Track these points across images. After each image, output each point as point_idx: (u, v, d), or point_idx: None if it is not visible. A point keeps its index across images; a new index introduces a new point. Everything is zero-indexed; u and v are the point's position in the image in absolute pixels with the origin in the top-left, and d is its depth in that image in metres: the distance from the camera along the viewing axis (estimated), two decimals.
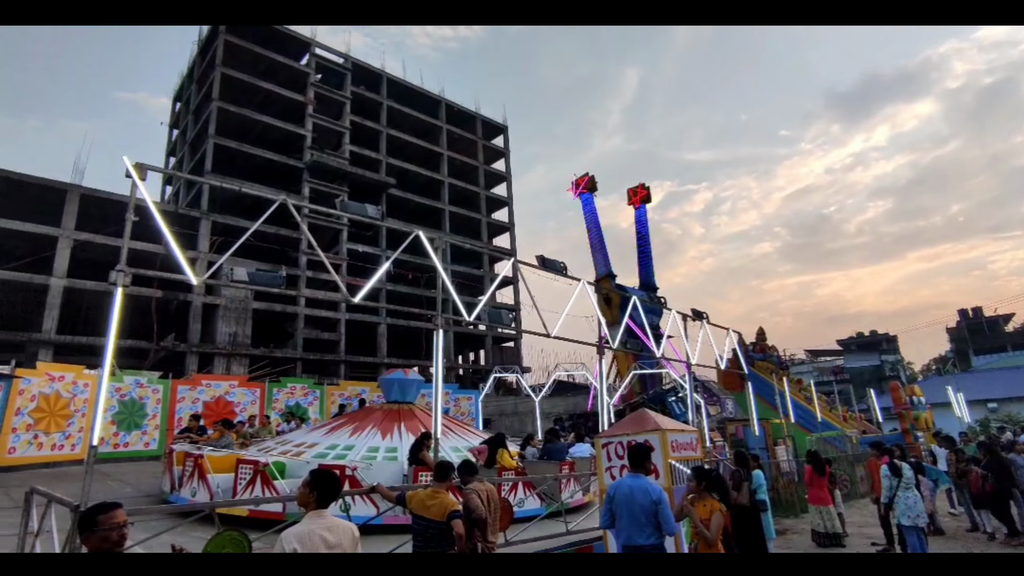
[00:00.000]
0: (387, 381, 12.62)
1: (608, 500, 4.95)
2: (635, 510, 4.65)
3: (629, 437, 6.56)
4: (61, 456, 14.11)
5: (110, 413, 15.18)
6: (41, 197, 27.20)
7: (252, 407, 17.75)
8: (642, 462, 5.04)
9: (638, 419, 6.99)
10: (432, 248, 7.75)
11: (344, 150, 41.61)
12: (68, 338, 26.30)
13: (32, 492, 5.61)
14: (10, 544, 6.06)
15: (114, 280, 5.29)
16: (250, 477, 8.97)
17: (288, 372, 30.75)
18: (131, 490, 11.13)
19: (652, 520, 4.62)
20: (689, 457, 6.82)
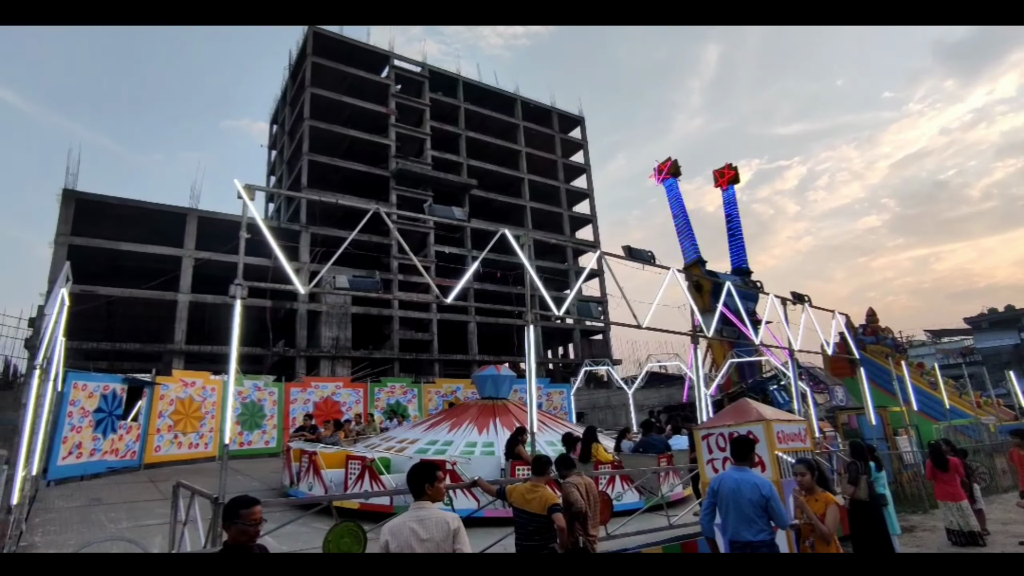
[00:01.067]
0: (480, 378, 12.92)
1: (711, 494, 4.79)
2: (742, 504, 4.47)
3: (731, 428, 6.33)
4: (197, 454, 15.68)
5: (234, 414, 16.67)
6: (166, 222, 30.27)
7: (357, 406, 18.82)
8: (747, 454, 4.85)
9: (739, 409, 6.71)
10: (518, 245, 7.84)
11: (426, 156, 42.96)
12: (195, 347, 29.13)
13: (178, 486, 6.29)
14: (163, 531, 6.85)
15: (233, 293, 5.81)
16: (359, 472, 9.52)
17: (387, 372, 32.28)
18: (257, 484, 12.15)
19: (762, 515, 4.42)
20: (797, 448, 6.47)
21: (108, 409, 13.30)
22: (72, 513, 9.74)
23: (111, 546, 6.42)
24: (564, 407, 22.57)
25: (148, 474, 13.69)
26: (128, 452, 13.92)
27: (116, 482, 12.44)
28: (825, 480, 5.57)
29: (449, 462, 9.12)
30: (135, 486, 12.08)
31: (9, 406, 15.52)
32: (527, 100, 51.23)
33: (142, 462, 14.25)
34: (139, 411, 14.35)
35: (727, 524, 4.58)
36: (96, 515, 9.55)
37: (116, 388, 13.66)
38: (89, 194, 28.02)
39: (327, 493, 9.46)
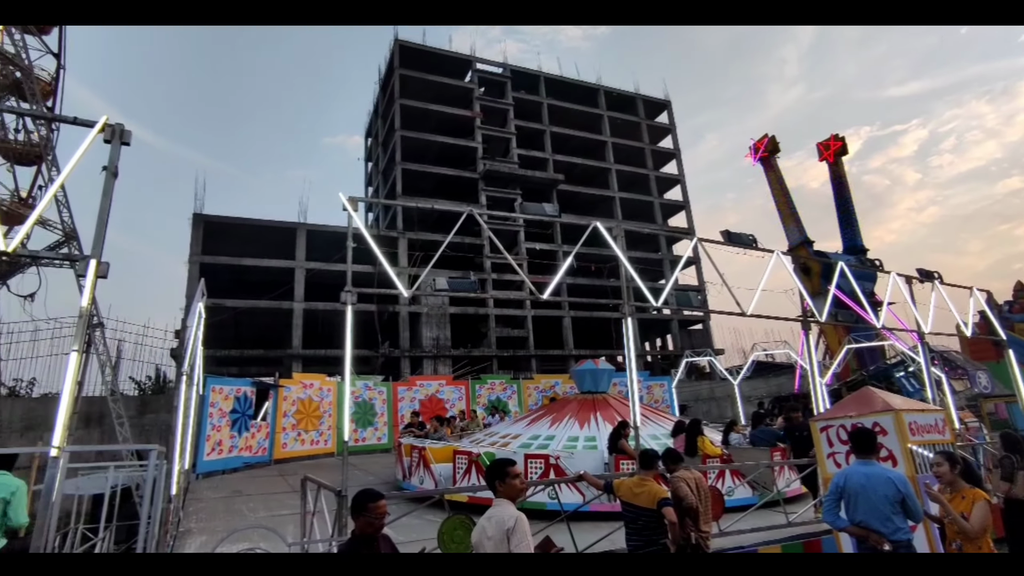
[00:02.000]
0: (579, 372, 12.90)
1: (836, 490, 4.49)
2: (875, 501, 4.15)
3: (853, 419, 5.88)
4: (318, 450, 16.93)
5: (349, 413, 17.80)
6: (279, 236, 32.88)
7: (459, 403, 19.46)
8: (871, 446, 4.50)
9: (862, 399, 6.22)
10: (611, 237, 7.75)
11: (512, 155, 43.44)
12: (311, 351, 31.43)
13: (305, 480, 6.84)
14: (295, 520, 7.49)
15: (344, 300, 6.22)
16: (466, 466, 9.84)
17: (485, 369, 33.05)
18: (372, 478, 12.91)
19: (898, 512, 4.08)
20: (934, 441, 5.89)
21: (241, 410, 14.70)
22: (218, 503, 10.87)
23: (252, 533, 7.12)
24: (665, 400, 21.99)
25: (277, 468, 14.97)
26: (260, 449, 15.30)
27: (251, 476, 13.74)
28: (973, 476, 5.01)
29: (552, 456, 9.20)
30: (267, 479, 13.26)
31: (162, 408, 17.59)
32: (609, 89, 50.30)
33: (272, 458, 15.60)
34: (267, 411, 15.72)
35: (855, 522, 4.28)
36: (238, 505, 10.61)
37: (247, 391, 15.06)
38: (213, 216, 31.06)
39: (437, 487, 9.88)
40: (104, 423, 14.59)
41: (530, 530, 3.35)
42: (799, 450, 8.63)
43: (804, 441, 8.60)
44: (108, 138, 5.18)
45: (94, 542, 7.50)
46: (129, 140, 5.26)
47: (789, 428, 9.20)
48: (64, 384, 4.27)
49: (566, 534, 6.25)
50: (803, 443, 8.55)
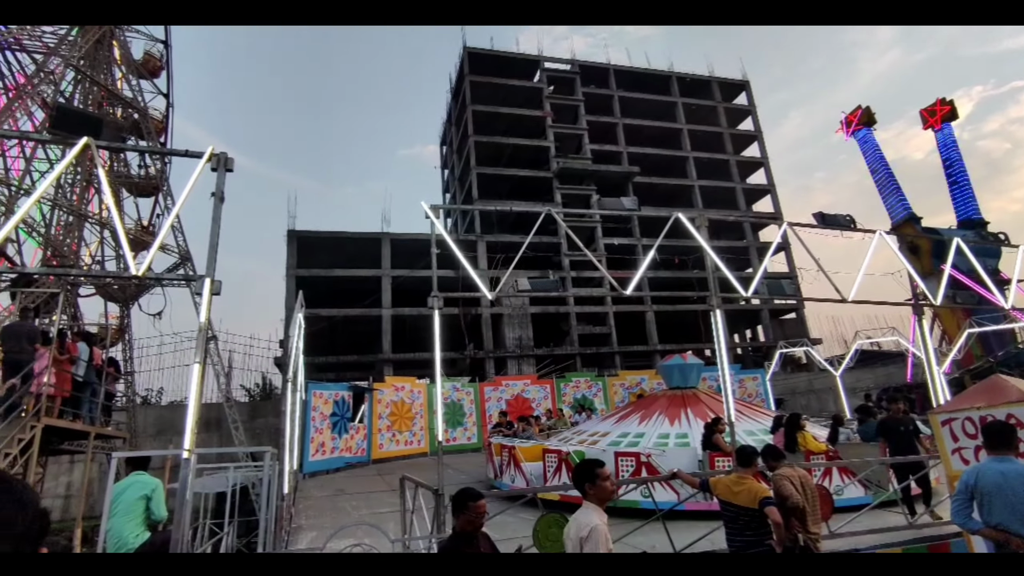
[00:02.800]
0: (667, 368, 12.59)
1: (966, 489, 4.10)
2: (1014, 501, 3.75)
3: (982, 411, 5.34)
4: (412, 450, 17.58)
5: (442, 414, 18.36)
6: (365, 247, 34.45)
7: (545, 402, 19.53)
8: (1008, 441, 4.06)
9: (992, 388, 5.63)
10: (694, 227, 7.50)
11: (585, 151, 43.05)
12: (400, 355, 32.70)
13: (403, 479, 7.13)
14: (395, 517, 7.83)
15: (431, 305, 6.42)
16: (556, 465, 9.87)
17: (569, 368, 32.95)
18: (465, 477, 13.23)
19: None
20: None
21: (340, 413, 15.55)
22: (324, 501, 11.56)
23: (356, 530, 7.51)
24: (760, 394, 20.97)
25: (376, 468, 15.70)
26: (359, 449, 16.11)
27: (352, 475, 14.50)
28: None
29: (643, 454, 9.04)
30: (367, 479, 13.94)
31: (269, 413, 18.97)
32: (682, 75, 48.65)
33: (370, 458, 16.38)
34: (363, 414, 16.53)
35: (991, 524, 3.89)
36: (342, 503, 11.23)
37: (344, 395, 15.91)
38: (305, 231, 33.07)
39: (528, 485, 9.97)
40: (221, 427, 15.95)
41: (608, 539, 3.23)
42: (900, 447, 7.93)
43: (906, 437, 7.92)
44: (214, 166, 5.66)
45: (220, 536, 8.22)
46: (232, 167, 5.72)
47: (886, 422, 8.44)
48: (190, 393, 4.71)
49: (662, 533, 6.12)
50: (905, 439, 7.88)
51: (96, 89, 14.39)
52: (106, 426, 11.21)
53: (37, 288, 10.96)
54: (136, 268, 5.03)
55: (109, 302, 14.77)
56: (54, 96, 13.65)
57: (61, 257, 13.36)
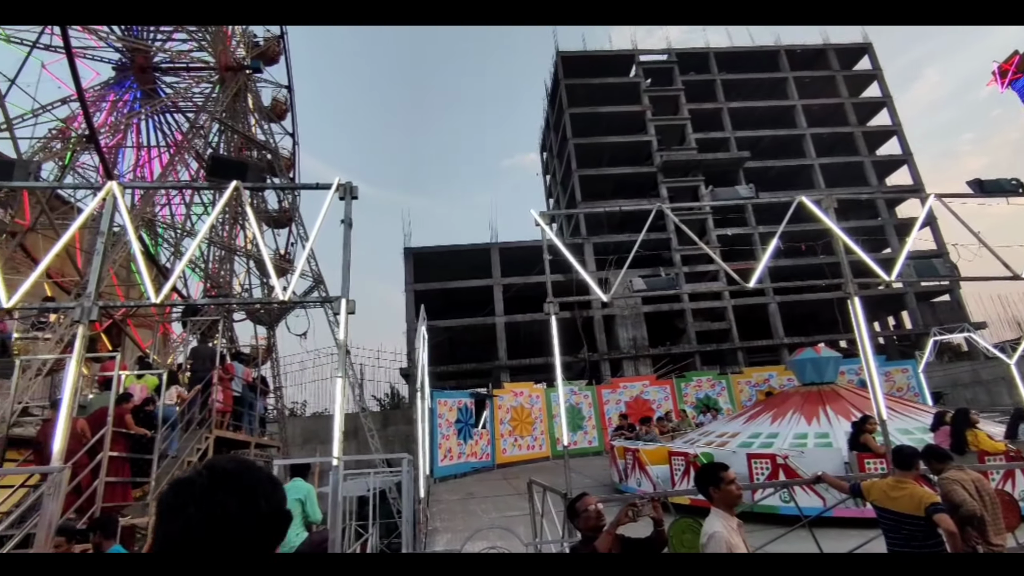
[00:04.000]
0: (799, 362, 11.73)
1: None
2: None
3: None
4: (533, 454, 17.82)
5: (558, 419, 18.47)
6: (475, 258, 35.56)
7: (666, 403, 18.95)
8: None
9: None
10: (821, 209, 6.96)
11: (689, 141, 41.39)
12: (515, 361, 33.31)
13: (531, 483, 7.26)
14: (523, 520, 7.98)
15: (548, 311, 6.51)
16: (684, 468, 9.55)
17: (688, 367, 31.72)
18: (589, 480, 13.18)
19: None
20: None
21: (464, 420, 16.14)
22: (455, 504, 12.06)
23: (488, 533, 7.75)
24: (912, 387, 18.84)
25: (501, 472, 16.10)
26: (483, 454, 16.62)
27: (479, 480, 14.98)
28: None
29: (780, 456, 8.49)
30: (493, 483, 14.34)
31: (399, 421, 20.14)
32: (791, 47, 45.21)
33: (495, 462, 16.83)
34: (485, 420, 17.03)
35: None
36: (472, 506, 11.64)
37: (467, 402, 16.51)
38: (419, 248, 34.84)
39: (655, 489, 9.73)
40: (358, 435, 17.20)
41: (730, 547, 3.08)
42: None
43: None
44: (342, 195, 6.18)
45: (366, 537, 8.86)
46: (357, 194, 6.20)
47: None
48: (335, 404, 5.17)
49: (807, 541, 5.70)
50: None
51: (236, 137, 16.35)
52: (263, 436, 12.52)
53: (202, 316, 12.65)
54: (283, 294, 5.63)
55: (257, 325, 16.63)
56: (204, 148, 15.66)
57: (218, 288, 15.28)
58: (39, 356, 8.70)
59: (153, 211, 14.11)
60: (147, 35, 15.14)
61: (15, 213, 10.72)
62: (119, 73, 14.80)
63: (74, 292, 10.56)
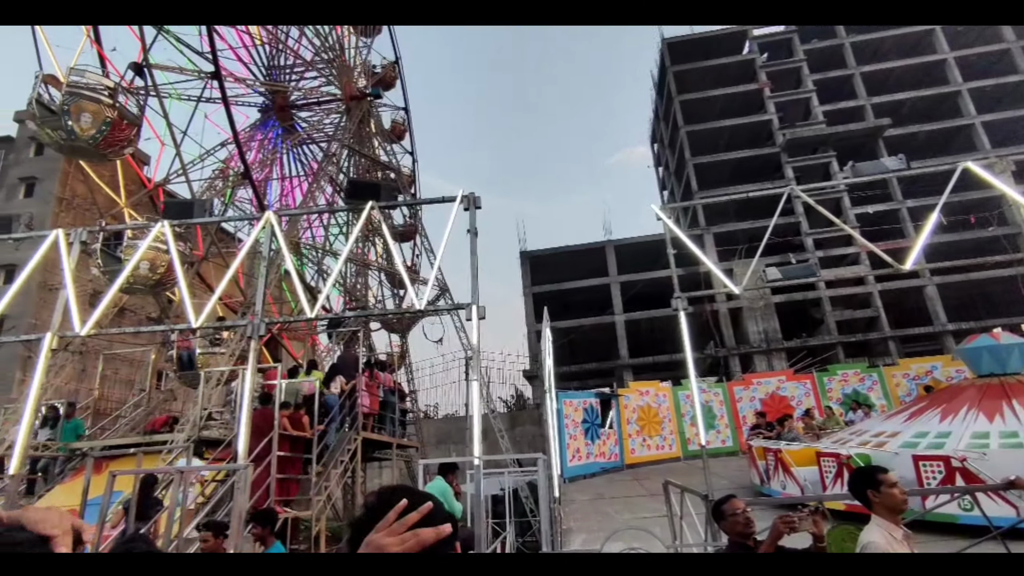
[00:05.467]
0: (972, 351, 10.32)
1: None
2: None
3: None
4: (663, 455, 17.31)
5: (687, 418, 17.78)
6: (590, 257, 35.35)
7: (807, 399, 17.53)
8: None
9: None
10: (994, 173, 6.09)
11: (815, 114, 38.04)
12: (638, 360, 32.60)
13: (667, 484, 7.06)
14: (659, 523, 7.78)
15: (676, 307, 6.32)
16: (835, 470, 8.79)
17: (829, 359, 29.12)
18: (726, 482, 12.55)
19: None
20: None
21: (590, 420, 16.09)
22: (586, 505, 12.04)
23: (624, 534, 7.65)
24: None
25: (630, 473, 15.82)
26: (612, 454, 16.44)
27: (609, 480, 14.83)
28: None
29: (955, 458, 7.54)
30: (623, 483, 14.12)
31: (526, 422, 20.53)
32: None
33: (624, 463, 16.58)
34: (611, 419, 16.84)
35: None
36: (603, 507, 11.56)
37: (592, 402, 16.45)
38: (535, 251, 35.35)
39: (803, 493, 9.04)
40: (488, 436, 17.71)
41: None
42: None
43: None
44: (466, 206, 6.47)
45: (503, 535, 9.14)
46: (480, 204, 6.46)
47: None
48: (472, 406, 5.41)
49: None
50: None
51: (363, 160, 17.73)
52: (403, 438, 13.37)
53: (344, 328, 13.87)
54: (419, 303, 6.01)
55: (391, 333, 17.84)
56: (336, 173, 17.15)
57: (355, 300, 16.65)
58: (217, 368, 9.99)
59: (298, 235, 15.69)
60: (284, 77, 16.92)
61: (192, 246, 12.47)
62: (263, 114, 16.69)
63: (240, 311, 12.05)
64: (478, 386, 5.49)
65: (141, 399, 12.43)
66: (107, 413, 12.67)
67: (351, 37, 19.10)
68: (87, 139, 9.20)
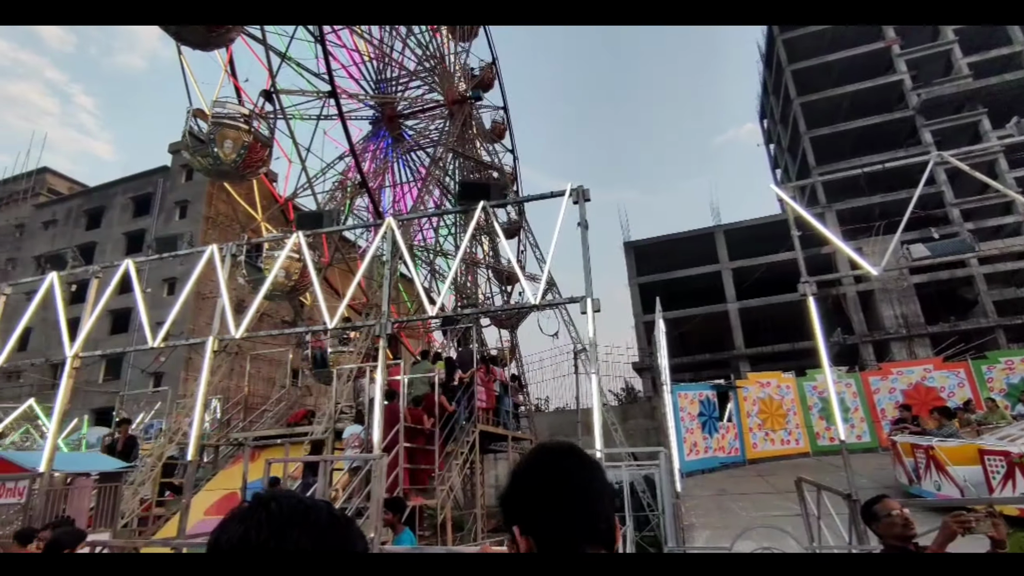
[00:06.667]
0: None
1: None
2: None
3: None
4: (789, 450, 16.24)
5: (815, 410, 16.54)
6: (698, 244, 33.88)
7: (960, 390, 15.63)
8: None
9: None
10: None
11: (958, 68, 33.68)
12: (755, 349, 30.81)
13: (800, 481, 6.63)
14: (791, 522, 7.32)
15: (803, 291, 5.91)
16: (1004, 471, 7.79)
17: (986, 346, 25.72)
18: (866, 480, 11.54)
19: None
20: None
21: (707, 413, 15.47)
22: (708, 501, 11.60)
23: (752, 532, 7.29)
24: None
25: (753, 469, 15.01)
26: (731, 449, 15.70)
27: (730, 475, 14.17)
28: None
29: None
30: (746, 479, 13.43)
31: (638, 415, 20.13)
32: None
33: (745, 458, 15.77)
34: (730, 412, 16.08)
35: None
36: (727, 504, 11.07)
37: (708, 394, 15.80)
38: (638, 241, 34.52)
39: (964, 494, 8.11)
40: None
41: None
42: None
43: None
44: (575, 200, 6.46)
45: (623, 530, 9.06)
46: (589, 197, 6.43)
47: None
48: (592, 399, 5.42)
49: None
50: None
51: (467, 161, 18.32)
52: (517, 431, 13.65)
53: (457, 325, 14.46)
54: (533, 299, 6.12)
55: (501, 329, 18.27)
56: (442, 176, 17.85)
57: (466, 298, 17.27)
58: (347, 366, 10.80)
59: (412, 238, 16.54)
60: (391, 88, 17.88)
61: (319, 253, 13.58)
62: (374, 126, 17.75)
63: (363, 312, 12.95)
64: (597, 380, 5.48)
65: (283, 395, 13.74)
66: (255, 407, 14.13)
67: (450, 43, 19.73)
68: (230, 163, 10.30)
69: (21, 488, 6.57)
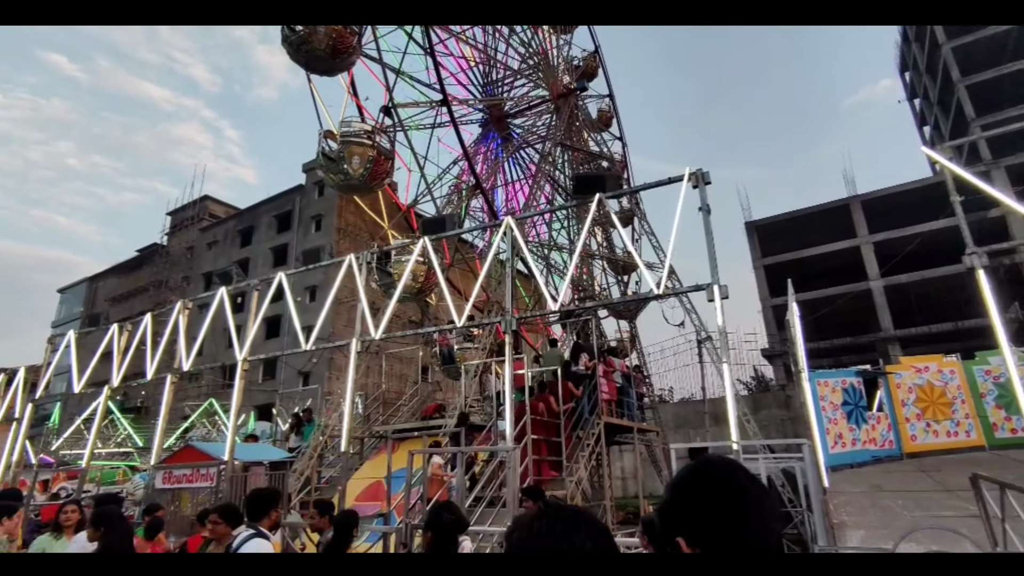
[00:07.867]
0: None
1: None
2: None
3: None
4: (957, 443, 14.44)
5: (990, 398, 14.56)
6: (830, 218, 31.01)
7: None
8: None
9: None
10: None
11: None
12: (905, 331, 27.64)
13: (976, 477, 5.90)
14: (964, 523, 6.53)
15: (971, 264, 5.25)
16: None
17: None
18: None
19: None
20: None
21: (853, 402, 14.18)
22: (860, 497, 10.64)
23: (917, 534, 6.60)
24: None
25: (912, 463, 13.52)
26: (885, 441, 14.26)
27: (884, 471, 12.87)
28: None
29: None
30: (904, 475, 12.13)
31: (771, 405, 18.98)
32: None
33: (901, 451, 14.26)
34: (880, 401, 14.61)
35: None
36: (884, 501, 10.08)
37: (852, 382, 14.46)
38: (762, 220, 32.31)
39: None
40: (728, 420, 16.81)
41: None
42: None
43: None
44: (695, 184, 6.24)
45: None
46: (710, 179, 6.17)
47: None
48: (727, 390, 5.23)
49: None
50: None
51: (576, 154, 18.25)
52: (642, 422, 13.44)
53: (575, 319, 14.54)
54: (657, 288, 6.00)
55: (619, 320, 18.02)
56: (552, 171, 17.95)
57: (582, 290, 17.27)
58: (473, 362, 11.29)
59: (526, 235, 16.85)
60: (497, 90, 18.27)
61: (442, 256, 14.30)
62: (484, 128, 18.26)
63: (485, 309, 13.42)
64: (728, 370, 5.28)
65: (415, 390, 14.66)
66: (391, 403, 15.20)
67: (551, 37, 19.73)
68: (358, 177, 11.16)
69: (211, 474, 7.66)
